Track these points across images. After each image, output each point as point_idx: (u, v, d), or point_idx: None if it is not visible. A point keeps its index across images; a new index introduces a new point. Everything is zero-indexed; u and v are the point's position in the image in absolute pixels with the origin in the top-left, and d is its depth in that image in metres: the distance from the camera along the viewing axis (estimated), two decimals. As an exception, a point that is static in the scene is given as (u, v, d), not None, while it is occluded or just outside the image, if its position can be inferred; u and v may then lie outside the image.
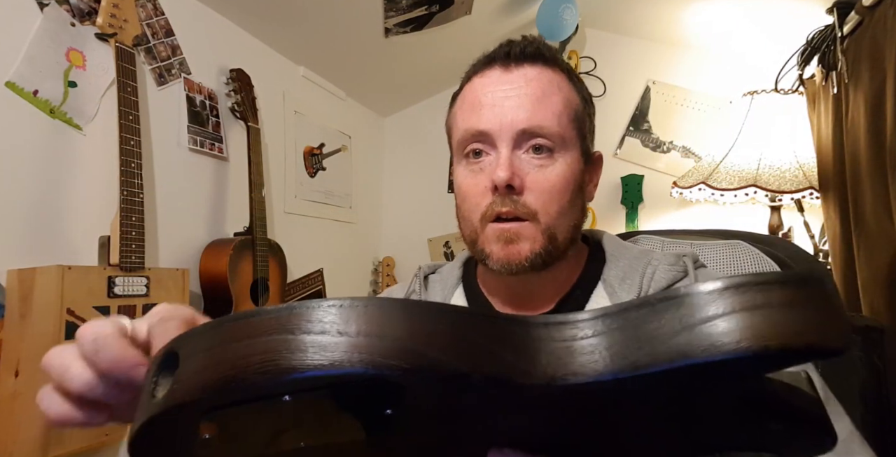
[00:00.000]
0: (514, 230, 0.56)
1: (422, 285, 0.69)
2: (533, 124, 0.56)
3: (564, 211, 0.58)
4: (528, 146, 0.57)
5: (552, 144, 0.57)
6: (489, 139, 0.58)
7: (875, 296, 1.18)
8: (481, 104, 0.59)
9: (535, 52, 0.59)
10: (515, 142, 0.57)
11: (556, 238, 0.57)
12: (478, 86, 0.61)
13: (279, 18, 1.65)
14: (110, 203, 1.16)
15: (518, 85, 0.58)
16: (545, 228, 0.57)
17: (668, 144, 2.10)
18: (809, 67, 1.54)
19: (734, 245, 0.74)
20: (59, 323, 0.98)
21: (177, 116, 1.42)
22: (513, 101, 0.57)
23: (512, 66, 0.59)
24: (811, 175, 1.48)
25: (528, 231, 0.56)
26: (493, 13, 1.97)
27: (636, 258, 0.61)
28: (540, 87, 0.58)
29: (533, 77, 0.58)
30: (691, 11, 1.82)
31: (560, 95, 0.59)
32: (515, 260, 0.56)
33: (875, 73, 1.16)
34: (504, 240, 0.56)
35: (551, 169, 0.57)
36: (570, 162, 0.58)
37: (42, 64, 1.10)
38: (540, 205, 0.56)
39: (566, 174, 0.58)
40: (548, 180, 0.57)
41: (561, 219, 0.58)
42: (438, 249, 2.44)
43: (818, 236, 1.62)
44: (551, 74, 0.60)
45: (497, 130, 0.57)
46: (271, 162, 1.79)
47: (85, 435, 1.00)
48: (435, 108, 2.48)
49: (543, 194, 0.57)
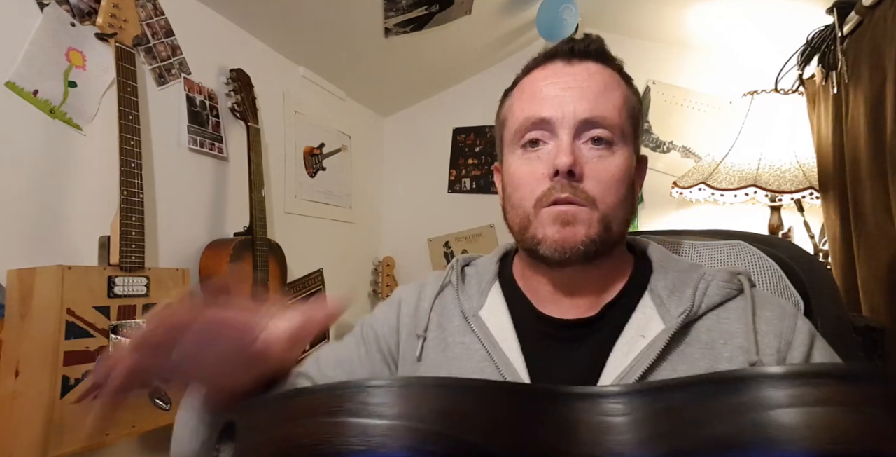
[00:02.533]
0: (571, 212, 0.56)
1: (458, 277, 0.68)
2: (595, 114, 0.57)
3: (621, 202, 0.58)
4: (589, 137, 0.58)
5: (612, 136, 0.58)
6: (550, 127, 0.58)
7: (875, 296, 1.18)
8: (543, 94, 0.59)
9: (599, 50, 0.61)
10: (577, 131, 0.57)
11: (611, 228, 0.57)
12: (539, 77, 0.61)
13: (279, 18, 1.65)
14: (110, 203, 1.16)
15: (581, 77, 0.59)
16: (602, 216, 0.56)
17: (668, 144, 2.10)
18: (809, 67, 1.54)
19: (734, 245, 0.73)
20: (59, 323, 0.97)
21: (177, 116, 1.42)
22: (575, 92, 0.58)
23: (575, 60, 0.60)
24: (811, 175, 1.48)
25: (586, 215, 0.56)
26: (493, 13, 1.97)
27: (686, 271, 0.61)
28: (602, 81, 0.59)
29: (595, 71, 0.60)
30: (691, 11, 1.82)
31: (620, 91, 0.60)
32: (570, 243, 0.56)
33: (875, 73, 1.16)
34: (561, 222, 0.56)
35: (611, 160, 0.57)
36: (626, 156, 0.59)
37: (42, 64, 1.10)
38: (598, 193, 0.56)
39: (623, 166, 0.58)
40: (607, 170, 0.57)
41: (617, 210, 0.57)
42: (438, 249, 2.44)
43: (818, 236, 1.62)
44: (611, 72, 0.61)
45: (559, 117, 0.57)
46: (271, 162, 1.79)
47: (85, 435, 1.00)
48: (435, 108, 2.48)
49: (602, 183, 0.56)
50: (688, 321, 0.56)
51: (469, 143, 2.44)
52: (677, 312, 0.56)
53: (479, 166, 2.42)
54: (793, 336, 0.54)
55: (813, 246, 1.62)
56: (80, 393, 0.99)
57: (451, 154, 2.46)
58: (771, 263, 0.70)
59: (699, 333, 0.56)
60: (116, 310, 1.08)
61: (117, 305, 1.08)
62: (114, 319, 1.07)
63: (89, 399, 1.01)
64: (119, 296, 1.08)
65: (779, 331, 0.55)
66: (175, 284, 1.21)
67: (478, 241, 2.38)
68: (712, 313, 0.57)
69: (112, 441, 1.08)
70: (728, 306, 0.57)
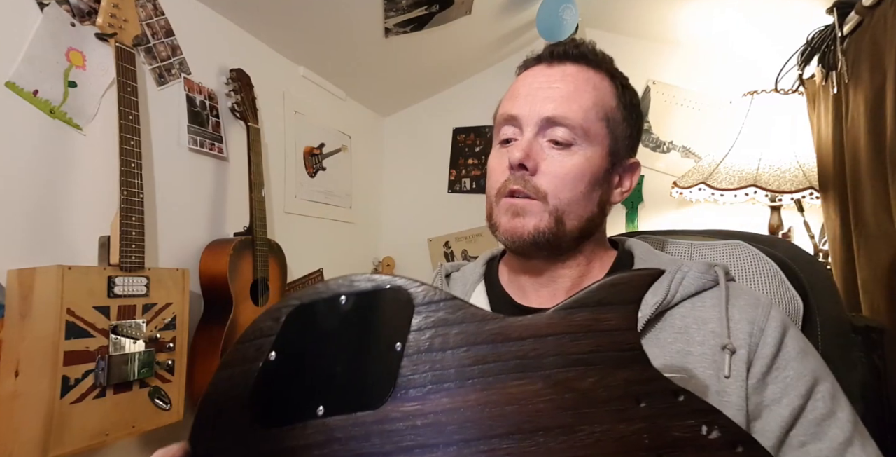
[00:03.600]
0: (521, 205, 0.60)
1: (443, 283, 0.73)
2: (557, 114, 0.60)
3: (577, 200, 0.60)
4: (550, 135, 0.61)
5: (572, 135, 0.60)
6: (518, 123, 0.62)
7: (875, 296, 1.17)
8: (518, 93, 0.63)
9: (579, 53, 0.63)
10: (539, 128, 0.61)
11: (563, 223, 0.60)
12: (521, 79, 0.65)
13: (279, 18, 1.65)
14: (110, 203, 1.16)
15: (554, 79, 0.62)
16: (553, 210, 0.59)
17: (667, 144, 2.10)
18: (809, 67, 1.54)
19: (734, 245, 0.73)
20: (59, 323, 0.97)
21: (177, 116, 1.42)
22: (545, 92, 0.61)
23: (555, 63, 0.63)
24: (811, 175, 1.47)
25: (535, 209, 0.59)
26: (493, 13, 1.97)
27: (666, 264, 0.62)
28: (574, 83, 0.61)
29: (570, 73, 0.62)
30: (691, 11, 1.82)
31: (593, 93, 0.62)
32: (519, 233, 0.60)
33: (875, 73, 1.16)
34: (512, 212, 0.60)
35: (568, 158, 0.60)
36: (589, 156, 0.61)
37: (42, 64, 1.10)
38: (551, 188, 0.59)
39: (582, 166, 0.60)
40: (562, 166, 0.60)
41: (572, 206, 0.60)
42: (438, 249, 2.44)
43: (818, 236, 1.62)
44: (591, 74, 0.63)
45: (525, 115, 0.61)
46: (271, 162, 1.79)
47: (85, 435, 1.00)
48: (435, 108, 2.48)
49: (555, 179, 0.59)
50: (662, 310, 0.58)
51: (469, 143, 2.44)
52: (653, 301, 0.57)
53: (479, 166, 2.42)
54: (766, 323, 0.56)
55: (813, 246, 1.62)
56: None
57: (451, 154, 2.46)
58: (771, 264, 0.70)
59: (673, 320, 0.58)
60: (116, 310, 1.08)
61: (117, 305, 1.08)
62: (114, 319, 1.07)
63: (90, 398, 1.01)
64: (119, 296, 1.08)
65: (752, 318, 0.56)
66: (175, 285, 1.21)
67: (478, 241, 2.38)
68: (687, 302, 0.59)
69: (112, 441, 1.08)
70: (704, 295, 0.59)
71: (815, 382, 0.54)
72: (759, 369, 0.53)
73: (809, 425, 0.52)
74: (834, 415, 0.53)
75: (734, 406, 0.52)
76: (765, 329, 0.55)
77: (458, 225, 2.41)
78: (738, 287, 0.61)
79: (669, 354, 0.56)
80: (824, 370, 0.56)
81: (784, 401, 0.53)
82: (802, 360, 0.55)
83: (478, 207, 2.37)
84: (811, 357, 0.56)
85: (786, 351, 0.55)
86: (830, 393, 0.54)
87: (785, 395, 0.53)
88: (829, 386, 0.54)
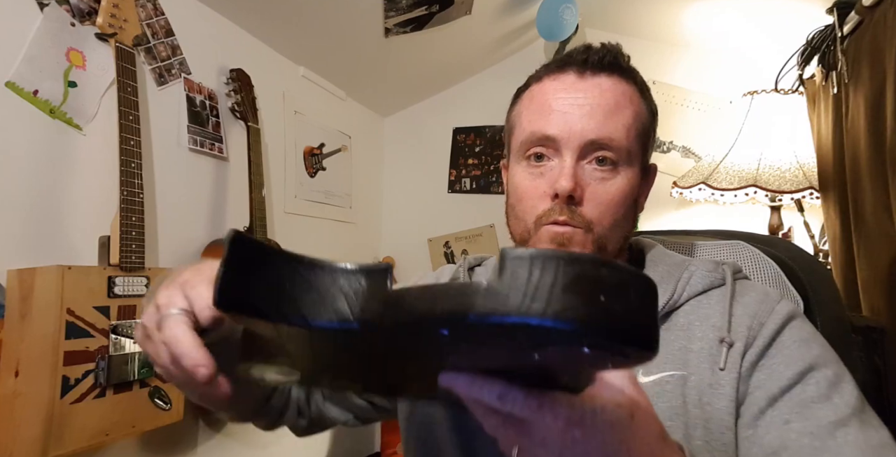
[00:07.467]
0: (567, 234, 0.57)
1: (466, 276, 0.71)
2: (602, 136, 0.56)
3: (618, 223, 0.58)
4: (593, 157, 0.57)
5: (617, 157, 0.57)
6: (555, 145, 0.58)
7: (875, 296, 1.18)
8: (551, 108, 0.58)
9: (613, 63, 0.59)
10: (581, 151, 0.57)
11: (606, 248, 0.58)
12: (549, 89, 0.60)
13: (279, 18, 1.65)
14: (110, 203, 1.16)
15: (592, 94, 0.57)
16: (597, 238, 0.57)
17: (668, 144, 2.10)
18: (809, 67, 1.54)
19: (734, 245, 0.74)
20: (59, 323, 0.97)
21: (177, 116, 1.42)
22: (584, 110, 0.57)
23: (587, 73, 0.58)
24: (811, 175, 1.48)
25: (580, 238, 0.57)
26: (493, 13, 1.97)
27: (676, 265, 0.61)
28: (613, 99, 0.58)
29: (607, 88, 0.58)
30: (691, 11, 1.82)
31: (631, 109, 0.59)
32: None
33: (875, 73, 1.16)
34: (557, 243, 0.57)
35: (612, 183, 0.57)
36: (630, 177, 0.59)
37: (42, 64, 1.10)
38: (596, 216, 0.57)
39: (625, 189, 0.58)
40: (608, 193, 0.57)
41: (613, 231, 0.58)
42: (438, 249, 2.44)
43: (818, 236, 1.62)
44: (625, 86, 0.59)
45: (565, 137, 0.57)
46: (271, 162, 1.79)
47: (85, 435, 1.00)
48: (435, 108, 2.48)
49: (601, 206, 0.57)
50: (668, 310, 0.58)
51: (469, 143, 2.44)
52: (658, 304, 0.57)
53: (479, 166, 2.42)
54: (767, 317, 0.55)
55: (813, 246, 1.62)
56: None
57: (451, 154, 2.46)
58: (771, 264, 0.70)
59: (678, 319, 0.58)
60: (116, 310, 1.08)
61: (117, 305, 1.08)
62: (114, 319, 1.07)
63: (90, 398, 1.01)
64: (119, 296, 1.08)
65: (754, 312, 0.56)
66: (175, 284, 1.21)
67: (478, 241, 2.38)
68: (693, 300, 0.59)
69: (112, 441, 1.08)
70: (710, 294, 0.59)
71: (809, 368, 0.52)
72: (750, 358, 0.53)
73: (795, 405, 0.50)
74: (828, 399, 0.50)
75: (726, 397, 0.52)
76: (765, 323, 0.55)
77: (458, 225, 2.41)
78: (748, 284, 0.60)
79: (671, 352, 0.56)
80: (828, 360, 0.54)
81: (767, 385, 0.52)
82: (799, 348, 0.53)
83: (478, 208, 2.38)
84: (814, 346, 0.54)
85: (780, 340, 0.54)
86: (829, 380, 0.52)
87: (769, 379, 0.52)
88: (829, 374, 0.52)
